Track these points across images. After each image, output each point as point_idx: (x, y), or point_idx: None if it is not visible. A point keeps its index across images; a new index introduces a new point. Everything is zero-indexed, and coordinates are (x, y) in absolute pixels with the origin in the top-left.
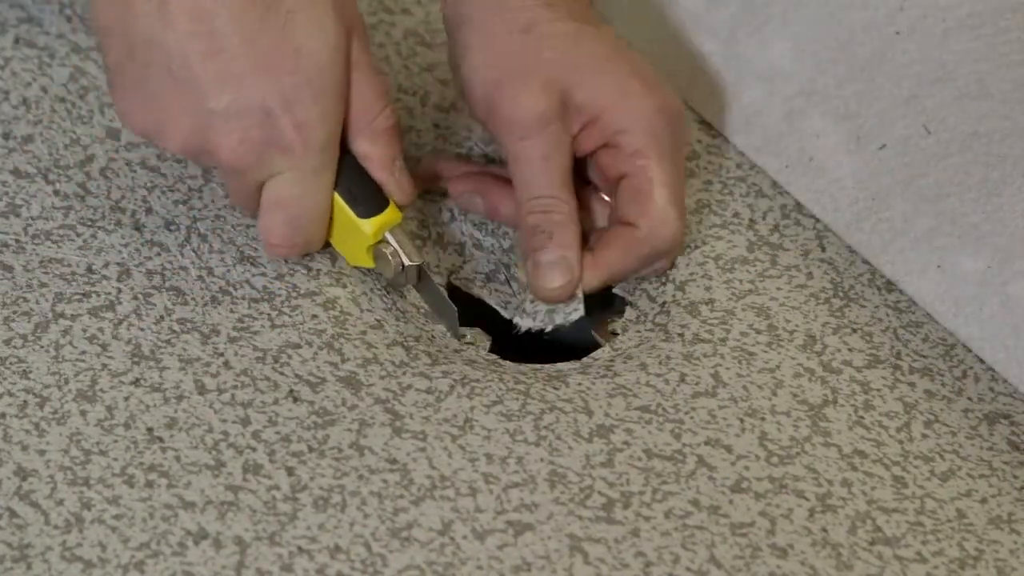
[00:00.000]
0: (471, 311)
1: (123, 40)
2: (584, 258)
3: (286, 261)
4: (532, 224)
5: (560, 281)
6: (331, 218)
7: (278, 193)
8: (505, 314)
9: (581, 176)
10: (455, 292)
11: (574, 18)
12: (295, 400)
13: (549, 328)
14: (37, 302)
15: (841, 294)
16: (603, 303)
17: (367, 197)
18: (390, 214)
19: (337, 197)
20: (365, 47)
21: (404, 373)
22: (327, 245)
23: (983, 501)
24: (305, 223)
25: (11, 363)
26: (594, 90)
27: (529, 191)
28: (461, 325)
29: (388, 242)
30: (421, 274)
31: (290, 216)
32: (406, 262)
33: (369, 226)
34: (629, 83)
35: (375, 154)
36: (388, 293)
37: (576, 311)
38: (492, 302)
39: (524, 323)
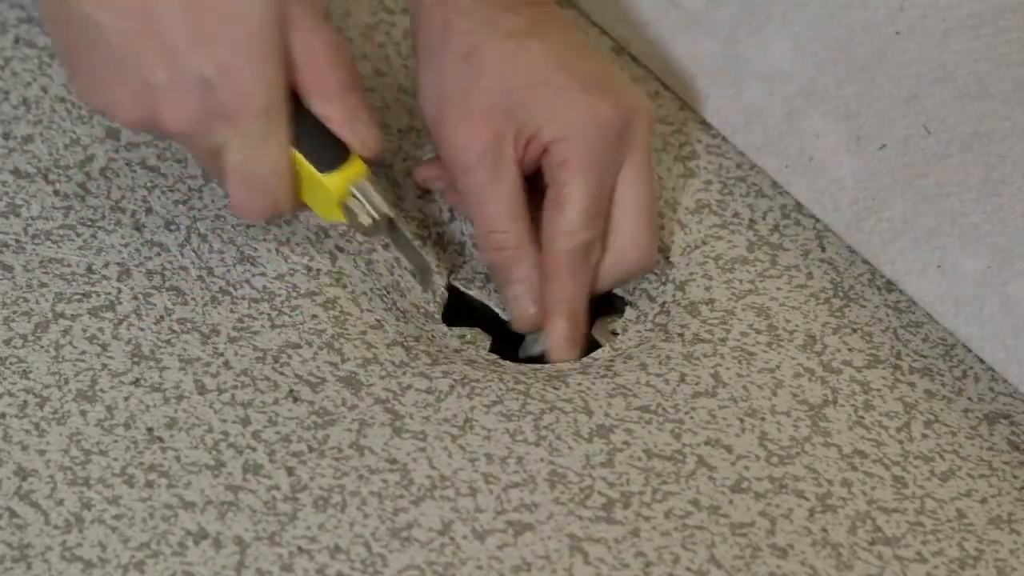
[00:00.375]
0: (471, 311)
1: (65, 25)
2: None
3: (286, 260)
4: (489, 261)
5: (532, 309)
6: (298, 177)
7: (232, 160)
8: (504, 315)
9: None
10: (455, 292)
11: (513, 35)
12: (295, 400)
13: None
14: (37, 302)
15: (841, 294)
16: (603, 303)
17: (329, 153)
18: (354, 167)
19: (300, 156)
20: (311, 9)
21: (404, 373)
22: (302, 206)
23: (983, 501)
24: (264, 186)
25: (11, 363)
26: (532, 106)
27: (479, 224)
28: (461, 325)
29: (355, 196)
30: (392, 225)
31: (248, 181)
32: (375, 215)
33: (332, 180)
34: (567, 92)
35: (333, 114)
36: (388, 293)
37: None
38: (491, 303)
39: (534, 350)
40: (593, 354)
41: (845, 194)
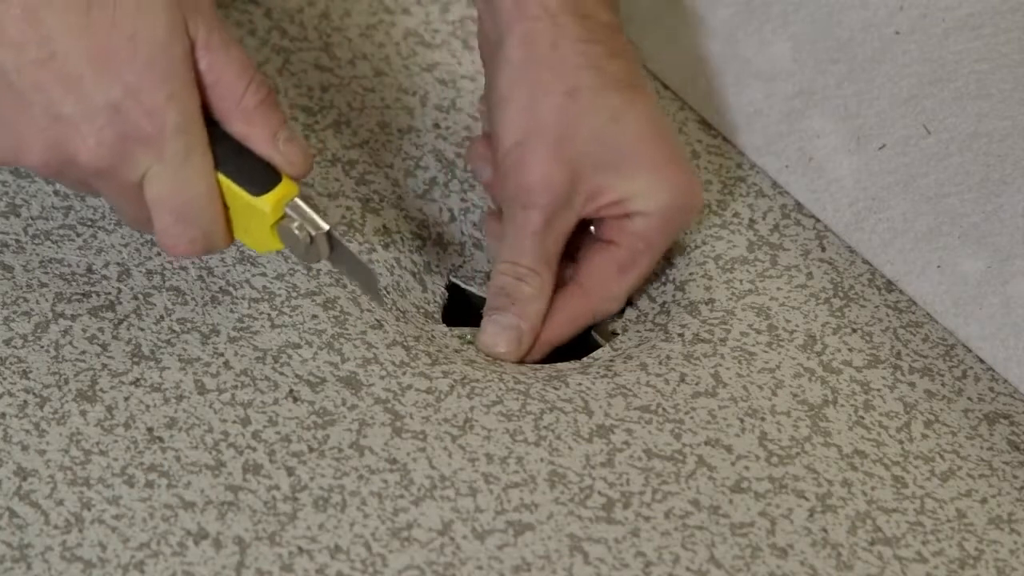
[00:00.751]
0: (471, 311)
1: None
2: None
3: (286, 260)
4: (499, 284)
5: (504, 348)
6: (228, 209)
7: (155, 191)
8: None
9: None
10: (455, 291)
11: (620, 85)
12: (295, 400)
13: None
14: (37, 302)
15: (841, 294)
16: None
17: (257, 175)
18: (285, 187)
19: (228, 182)
20: (214, 27)
21: (404, 373)
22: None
23: (983, 501)
24: (193, 213)
25: (11, 363)
26: (628, 174)
27: (511, 254)
28: (462, 325)
29: (291, 216)
30: (332, 241)
31: (175, 211)
32: (312, 232)
33: (266, 203)
34: (665, 169)
35: (253, 133)
36: (388, 293)
37: None
38: None
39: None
40: (593, 354)
41: (845, 194)
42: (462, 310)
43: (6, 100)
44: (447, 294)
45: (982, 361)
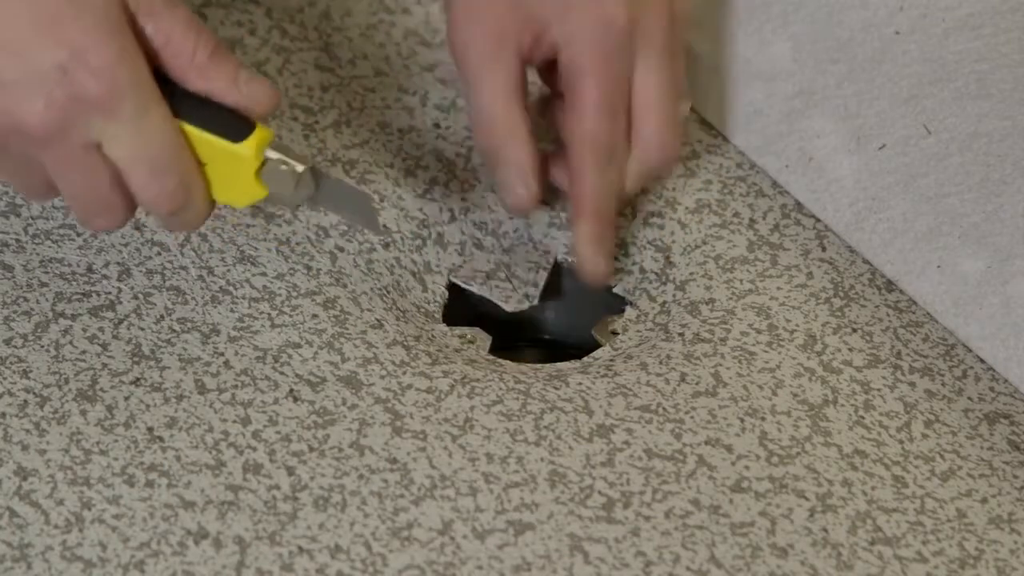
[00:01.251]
0: (471, 311)
1: None
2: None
3: (286, 260)
4: (481, 148)
5: (521, 190)
6: (205, 167)
7: (121, 151)
8: (507, 307)
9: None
10: (456, 290)
11: None
12: (295, 400)
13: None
14: (37, 301)
15: (841, 294)
16: (603, 303)
17: (231, 124)
18: (262, 131)
19: (206, 135)
20: None
21: (404, 373)
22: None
23: (983, 501)
24: (165, 162)
25: (11, 362)
26: (539, 6)
27: (474, 114)
28: (462, 325)
29: (272, 159)
30: (317, 175)
31: (147, 163)
32: (299, 167)
33: (248, 148)
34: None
35: (213, 86)
36: (388, 293)
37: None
38: (493, 297)
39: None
40: (593, 354)
41: (845, 194)
42: (462, 310)
43: None
44: (447, 294)
45: (982, 361)
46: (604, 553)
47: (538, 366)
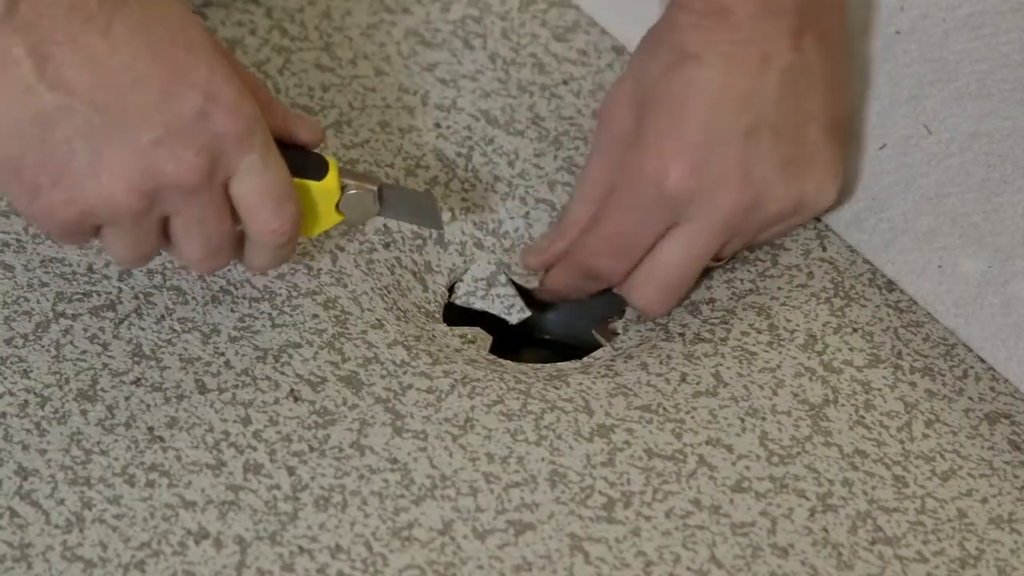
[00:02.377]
0: (472, 311)
1: (12, 142)
2: None
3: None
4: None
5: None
6: None
7: (253, 182)
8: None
9: None
10: (453, 290)
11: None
12: (296, 400)
13: None
14: (38, 301)
15: (842, 294)
16: (604, 303)
17: (304, 159)
18: (333, 164)
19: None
20: None
21: (405, 373)
22: None
23: (984, 501)
24: (288, 191)
25: (12, 362)
26: None
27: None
28: (462, 325)
29: (350, 190)
30: (382, 188)
31: (276, 193)
32: (372, 188)
33: (331, 183)
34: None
35: (273, 121)
36: (388, 293)
37: None
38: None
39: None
40: (593, 354)
41: (846, 193)
42: (463, 310)
43: (82, 150)
44: (448, 294)
45: (983, 361)
46: (604, 553)
47: (538, 366)
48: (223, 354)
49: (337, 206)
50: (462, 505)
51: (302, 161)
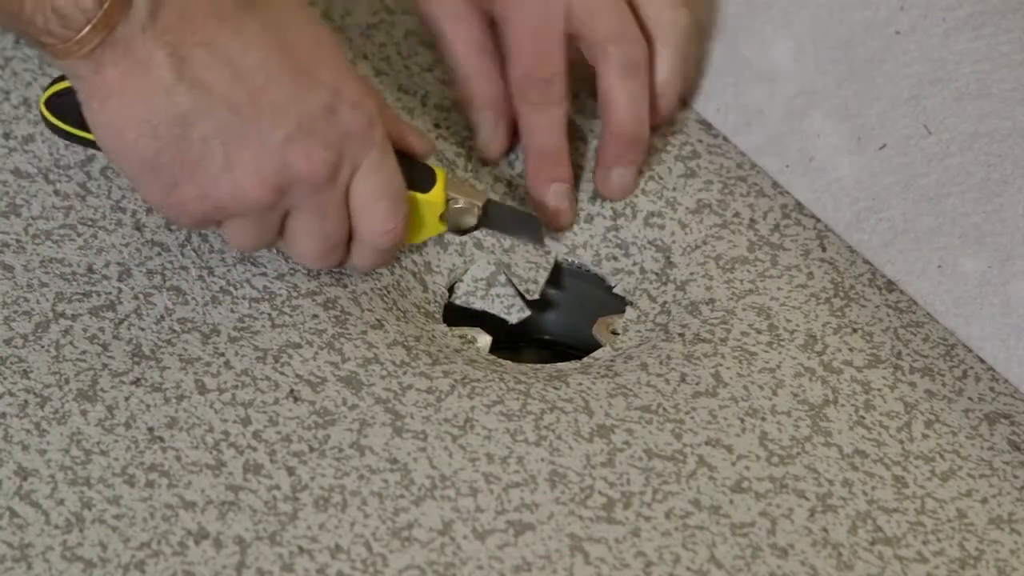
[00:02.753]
0: (471, 311)
1: (149, 142)
2: None
3: (286, 260)
4: (456, 97)
5: (489, 125)
6: None
7: (373, 181)
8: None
9: None
10: (453, 290)
11: None
12: (296, 400)
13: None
14: (38, 302)
15: (842, 294)
16: (603, 303)
17: (412, 168)
18: (442, 175)
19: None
20: None
21: (405, 373)
22: None
23: (984, 501)
24: (402, 192)
25: (11, 363)
26: None
27: (450, 71)
28: (462, 325)
29: (456, 203)
30: (488, 204)
31: (392, 192)
32: (478, 203)
33: (437, 195)
34: None
35: (386, 125)
36: (388, 293)
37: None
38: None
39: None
40: (593, 354)
41: (845, 194)
42: (462, 310)
43: (218, 147)
44: (448, 294)
45: (982, 361)
46: (604, 553)
47: (538, 366)
48: (223, 354)
49: (441, 216)
50: (462, 505)
51: (410, 170)
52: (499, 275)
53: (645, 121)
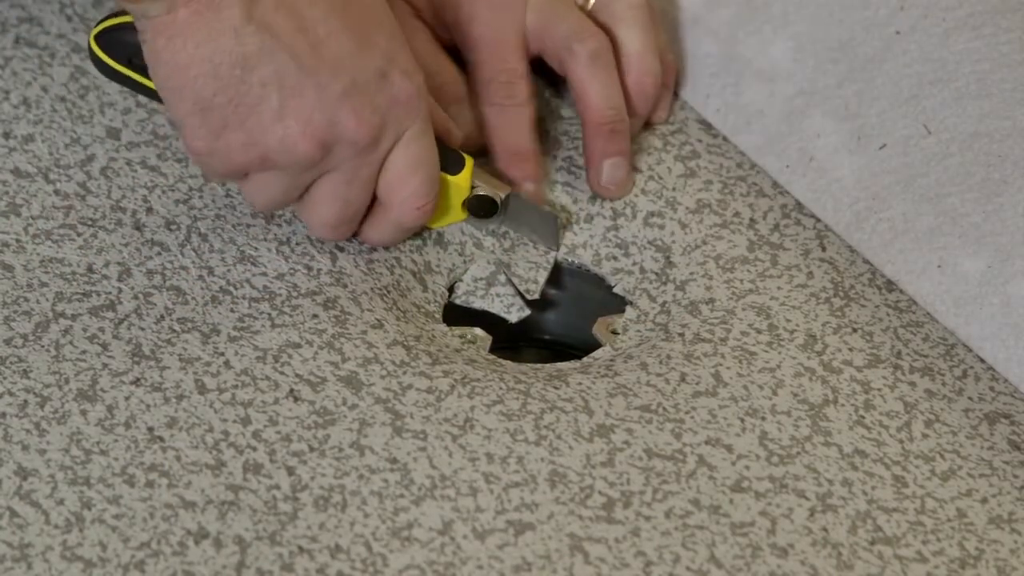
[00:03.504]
0: (472, 311)
1: (208, 81)
2: None
3: (286, 260)
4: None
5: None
6: None
7: (414, 150)
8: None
9: None
10: (453, 290)
11: None
12: (295, 400)
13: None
14: (37, 301)
15: (841, 294)
16: (603, 303)
17: (443, 152)
18: (469, 162)
19: None
20: None
21: (404, 373)
22: None
23: (983, 501)
24: (437, 169)
25: (11, 362)
26: None
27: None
28: (462, 325)
29: (481, 191)
30: (509, 198)
31: (429, 166)
32: (501, 195)
33: (463, 180)
34: None
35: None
36: (388, 293)
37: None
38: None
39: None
40: (593, 354)
41: (845, 194)
42: (462, 310)
43: (274, 94)
44: (447, 294)
45: (982, 361)
46: (604, 553)
47: (538, 366)
48: (223, 354)
49: (464, 203)
50: (462, 505)
51: (441, 153)
52: (499, 275)
53: (622, 108)
